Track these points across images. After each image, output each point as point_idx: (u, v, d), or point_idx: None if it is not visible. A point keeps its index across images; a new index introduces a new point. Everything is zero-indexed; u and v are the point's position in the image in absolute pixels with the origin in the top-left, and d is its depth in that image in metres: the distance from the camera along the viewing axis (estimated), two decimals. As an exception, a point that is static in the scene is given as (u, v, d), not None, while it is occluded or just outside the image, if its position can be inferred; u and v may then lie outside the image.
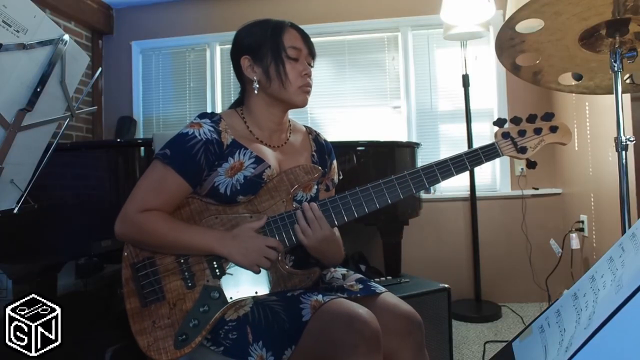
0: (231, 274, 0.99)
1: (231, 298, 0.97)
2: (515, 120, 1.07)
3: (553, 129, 1.06)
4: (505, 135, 1.05)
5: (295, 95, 1.07)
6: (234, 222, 1.01)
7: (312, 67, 1.11)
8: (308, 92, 1.09)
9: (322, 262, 1.07)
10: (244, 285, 0.99)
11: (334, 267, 1.15)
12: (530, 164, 1.07)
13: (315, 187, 1.12)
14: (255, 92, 1.07)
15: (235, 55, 1.10)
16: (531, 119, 1.06)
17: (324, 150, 1.21)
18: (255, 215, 1.02)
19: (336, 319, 0.86)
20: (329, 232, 1.00)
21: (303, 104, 1.09)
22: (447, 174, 1.03)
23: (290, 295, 0.95)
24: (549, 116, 1.07)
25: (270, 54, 1.05)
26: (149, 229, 0.95)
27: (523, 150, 1.05)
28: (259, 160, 1.04)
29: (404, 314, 0.99)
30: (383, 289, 1.06)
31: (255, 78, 1.06)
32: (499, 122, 1.07)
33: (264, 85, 1.07)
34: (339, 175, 1.26)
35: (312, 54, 1.10)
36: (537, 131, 1.06)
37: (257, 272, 0.97)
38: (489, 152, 1.04)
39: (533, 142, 1.06)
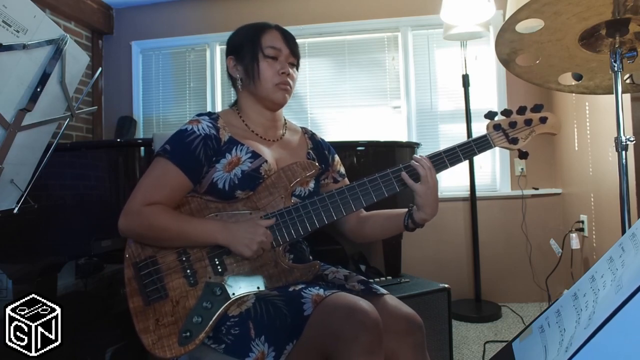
0: (233, 270, 0.99)
1: (234, 294, 0.97)
2: (506, 113, 1.10)
3: (543, 120, 1.09)
4: (497, 127, 1.09)
5: (272, 93, 1.10)
6: (234, 219, 1.02)
7: (296, 67, 1.15)
8: (287, 90, 1.12)
9: (416, 215, 1.05)
10: (246, 281, 0.99)
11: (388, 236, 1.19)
12: (522, 155, 1.10)
13: (313, 181, 1.14)
14: (240, 89, 1.13)
15: (226, 56, 1.16)
16: (521, 110, 1.09)
17: (322, 147, 1.24)
18: (255, 212, 1.03)
19: (337, 311, 0.86)
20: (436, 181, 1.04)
21: (280, 101, 1.12)
22: (441, 166, 1.06)
23: (292, 290, 0.95)
24: (538, 107, 1.10)
25: (248, 54, 1.10)
26: (153, 221, 0.96)
27: (514, 141, 1.08)
28: (255, 155, 1.06)
29: (405, 316, 0.99)
30: (385, 290, 1.07)
31: (238, 76, 1.12)
32: (490, 115, 1.10)
33: (245, 83, 1.11)
34: None
35: (295, 55, 1.13)
36: (528, 122, 1.09)
37: (260, 254, 0.98)
38: (481, 144, 1.08)
39: (524, 133, 1.09)
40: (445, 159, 1.06)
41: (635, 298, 0.52)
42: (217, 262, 0.99)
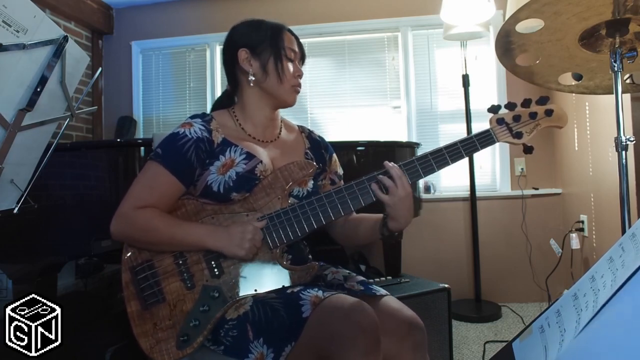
0: (230, 273, 0.98)
1: (231, 297, 0.97)
2: (510, 106, 1.04)
3: (548, 113, 1.04)
4: (500, 121, 1.03)
5: (288, 94, 1.11)
6: (231, 221, 1.01)
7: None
8: (298, 92, 1.13)
9: (390, 224, 1.01)
10: (243, 283, 0.99)
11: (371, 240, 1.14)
12: (527, 149, 1.04)
13: (312, 182, 1.13)
14: (251, 84, 1.10)
15: (231, 48, 1.12)
16: (526, 103, 1.04)
17: (320, 146, 1.23)
18: (252, 213, 1.02)
19: (334, 313, 0.86)
20: (410, 189, 0.99)
21: (293, 102, 1.13)
22: (442, 163, 1.02)
23: (290, 292, 0.95)
24: (543, 100, 1.04)
25: (270, 50, 1.08)
26: (143, 224, 0.96)
27: (519, 135, 1.03)
28: (250, 157, 1.05)
29: (406, 319, 0.98)
30: (385, 291, 1.06)
31: (251, 71, 1.09)
32: (493, 109, 1.05)
33: (259, 79, 1.09)
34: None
35: (303, 59, 1.16)
36: (532, 115, 1.04)
37: (252, 259, 0.98)
38: (484, 139, 1.02)
39: (528, 127, 1.03)
40: (446, 154, 1.02)
41: (622, 290, 0.52)
42: (213, 265, 0.98)
